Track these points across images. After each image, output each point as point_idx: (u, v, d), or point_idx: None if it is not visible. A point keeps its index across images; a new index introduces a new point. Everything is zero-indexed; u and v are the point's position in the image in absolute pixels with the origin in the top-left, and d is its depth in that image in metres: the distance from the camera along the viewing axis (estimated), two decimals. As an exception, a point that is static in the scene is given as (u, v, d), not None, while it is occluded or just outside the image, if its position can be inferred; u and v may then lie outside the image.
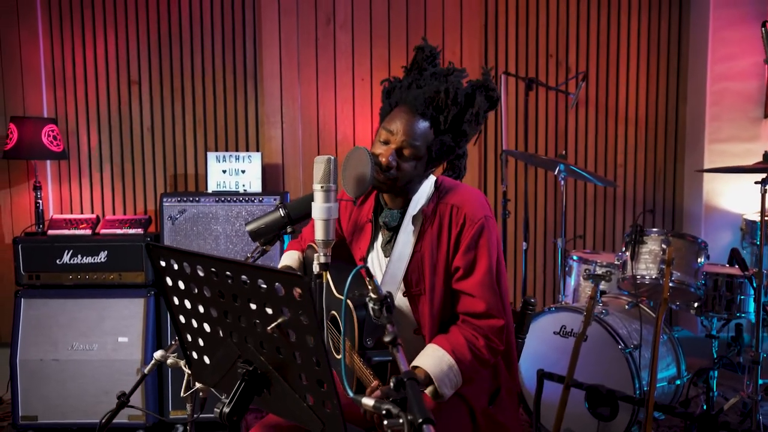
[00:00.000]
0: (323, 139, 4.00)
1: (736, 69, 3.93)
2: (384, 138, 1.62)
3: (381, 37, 3.98)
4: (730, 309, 2.74)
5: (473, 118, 1.59)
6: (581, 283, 3.14)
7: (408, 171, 1.59)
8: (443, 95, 1.56)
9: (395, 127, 1.60)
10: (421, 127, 1.58)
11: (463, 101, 1.59)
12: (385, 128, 1.63)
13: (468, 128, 1.60)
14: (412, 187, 1.66)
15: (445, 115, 1.57)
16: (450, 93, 1.57)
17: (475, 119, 1.60)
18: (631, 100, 4.15)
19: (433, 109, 1.58)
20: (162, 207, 3.34)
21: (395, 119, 1.61)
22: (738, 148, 3.93)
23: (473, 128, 1.61)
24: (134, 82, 3.89)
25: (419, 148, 1.58)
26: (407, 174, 1.60)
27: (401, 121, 1.59)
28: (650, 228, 2.77)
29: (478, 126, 1.63)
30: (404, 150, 1.59)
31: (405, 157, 1.59)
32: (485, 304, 1.58)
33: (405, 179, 1.61)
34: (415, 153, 1.58)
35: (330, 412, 1.17)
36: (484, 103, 1.60)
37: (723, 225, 3.94)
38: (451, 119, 1.58)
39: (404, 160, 1.59)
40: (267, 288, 1.14)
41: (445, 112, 1.57)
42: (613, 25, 4.10)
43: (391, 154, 1.58)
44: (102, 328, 3.26)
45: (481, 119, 1.62)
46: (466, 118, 1.59)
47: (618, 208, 4.19)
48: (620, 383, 2.50)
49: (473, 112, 1.59)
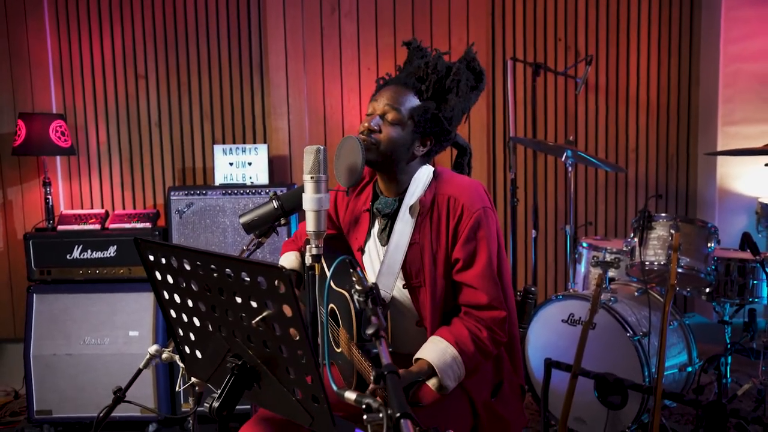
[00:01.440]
0: (330, 129, 3.98)
1: (750, 50, 3.83)
2: (370, 110, 1.69)
3: (386, 25, 3.94)
4: (743, 294, 2.69)
5: (454, 85, 1.61)
6: (591, 270, 3.10)
7: (391, 135, 1.61)
8: (424, 66, 1.63)
9: (379, 97, 1.65)
10: (403, 95, 1.63)
11: (443, 70, 1.63)
12: (371, 102, 1.69)
13: (451, 97, 1.62)
14: (399, 160, 1.64)
15: (427, 84, 1.61)
16: (430, 64, 1.63)
17: (457, 87, 1.61)
18: (642, 83, 4.07)
19: (416, 80, 1.64)
20: (169, 201, 3.35)
21: (380, 93, 1.67)
22: (752, 130, 3.84)
23: (457, 97, 1.62)
24: (141, 76, 3.90)
25: (402, 112, 1.61)
26: (390, 139, 1.61)
27: (386, 92, 1.65)
28: (659, 213, 2.71)
29: (462, 97, 1.63)
30: (387, 115, 1.62)
31: (388, 122, 1.62)
32: (487, 296, 1.58)
33: (388, 144, 1.61)
34: (398, 118, 1.61)
35: (318, 406, 1.16)
36: (465, 72, 1.63)
37: (738, 209, 3.86)
38: (432, 87, 1.61)
39: (387, 125, 1.62)
40: (250, 281, 1.13)
41: (427, 81, 1.61)
42: (622, 6, 4.02)
43: (375, 119, 1.63)
44: (113, 323, 3.29)
45: (464, 89, 1.63)
46: (447, 85, 1.62)
47: (630, 193, 4.12)
48: (629, 371, 2.46)
49: (454, 80, 1.61)
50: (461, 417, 1.61)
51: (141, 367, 1.75)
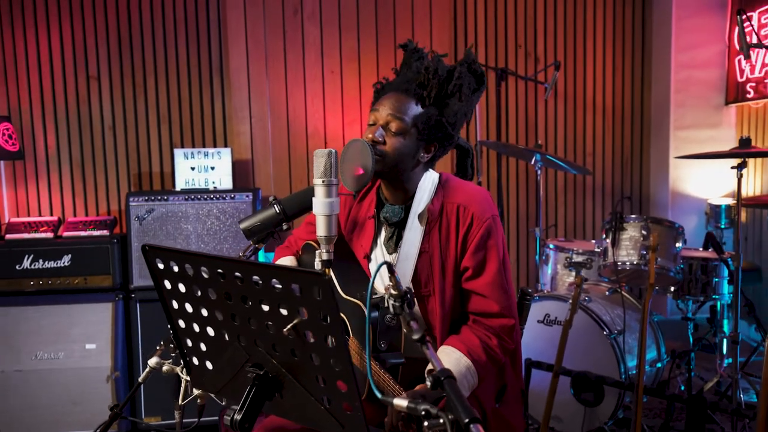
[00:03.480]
0: (293, 133, 3.92)
1: (700, 57, 4.03)
2: (372, 120, 1.63)
3: (350, 29, 3.91)
4: (706, 291, 2.81)
5: (457, 90, 1.60)
6: (558, 271, 3.17)
7: (396, 146, 1.58)
8: (424, 71, 1.61)
9: (381, 107, 1.61)
10: (405, 103, 1.60)
11: (444, 74, 1.61)
12: (372, 111, 1.64)
13: (453, 102, 1.60)
14: (404, 170, 1.62)
15: (429, 90, 1.59)
16: (431, 69, 1.61)
17: (459, 91, 1.60)
18: (599, 89, 4.20)
19: (417, 86, 1.61)
20: (128, 207, 3.21)
21: (381, 101, 1.63)
22: (702, 135, 4.04)
23: (459, 102, 1.61)
24: (93, 77, 3.72)
25: (405, 121, 1.58)
26: (396, 149, 1.58)
27: (388, 100, 1.61)
28: (629, 215, 2.80)
29: (464, 101, 1.62)
30: (390, 124, 1.59)
31: (392, 132, 1.59)
32: (498, 305, 1.58)
33: (393, 155, 1.58)
34: (402, 127, 1.58)
35: (351, 413, 1.13)
36: (467, 75, 1.62)
37: (689, 210, 4.04)
38: (434, 92, 1.60)
39: (391, 136, 1.59)
40: (282, 288, 1.08)
41: (429, 87, 1.59)
42: (579, 15, 4.15)
43: (378, 130, 1.59)
44: (68, 336, 3.14)
45: (466, 93, 1.61)
46: (449, 90, 1.60)
47: (588, 196, 4.25)
48: (606, 369, 2.52)
49: (456, 84, 1.60)
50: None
51: (140, 380, 1.65)
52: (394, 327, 1.47)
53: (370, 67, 3.93)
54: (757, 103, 3.97)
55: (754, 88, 3.92)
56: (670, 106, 4.04)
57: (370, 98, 1.72)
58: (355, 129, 3.93)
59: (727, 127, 4.09)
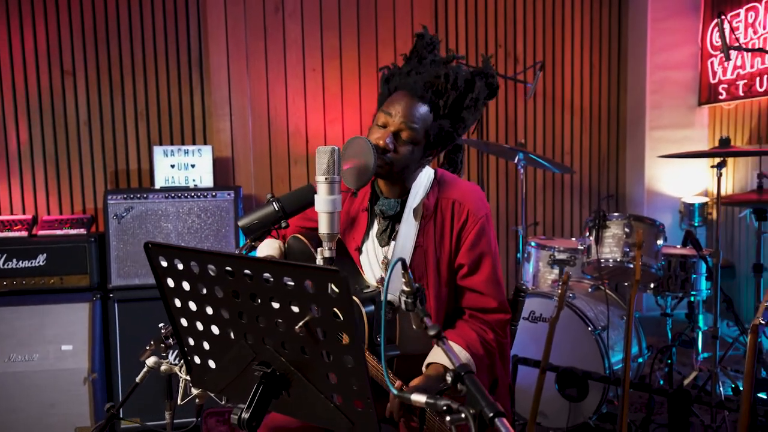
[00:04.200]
0: (274, 131, 3.89)
1: (675, 59, 4.12)
2: (382, 122, 1.59)
3: (332, 27, 3.90)
4: (684, 288, 2.87)
5: (472, 104, 1.58)
6: (540, 268, 3.21)
7: (405, 155, 1.56)
8: (443, 80, 1.55)
9: (394, 111, 1.56)
10: (420, 111, 1.55)
11: (463, 86, 1.57)
12: (383, 111, 1.59)
13: (467, 114, 1.58)
14: (408, 174, 1.63)
15: (445, 100, 1.55)
16: (450, 77, 1.55)
17: (474, 105, 1.58)
18: (576, 89, 4.27)
19: (433, 93, 1.56)
20: (106, 205, 3.15)
21: (394, 103, 1.58)
22: (676, 135, 4.13)
23: (472, 115, 1.60)
24: (68, 72, 3.63)
25: (417, 131, 1.55)
26: (404, 158, 1.56)
27: (400, 104, 1.56)
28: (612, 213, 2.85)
29: (477, 113, 1.61)
30: (402, 133, 1.56)
31: (402, 141, 1.56)
32: (495, 301, 1.60)
33: (401, 164, 1.57)
34: (413, 137, 1.55)
35: (362, 410, 1.12)
36: (484, 90, 1.60)
37: (664, 208, 4.13)
38: (450, 104, 1.56)
39: (401, 144, 1.56)
40: (295, 285, 1.07)
41: (445, 97, 1.55)
42: (557, 16, 4.20)
43: (389, 137, 1.55)
44: (43, 337, 3.07)
45: (480, 106, 1.60)
46: (465, 104, 1.57)
47: (566, 195, 4.31)
48: (591, 364, 2.56)
49: (473, 98, 1.57)
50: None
51: (137, 380, 1.62)
52: (389, 321, 1.48)
53: (351, 66, 3.92)
54: (729, 104, 4.08)
55: (726, 89, 4.03)
56: (646, 107, 4.12)
57: (352, 96, 1.71)
58: (336, 127, 3.92)
59: (700, 128, 4.19)
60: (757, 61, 3.80)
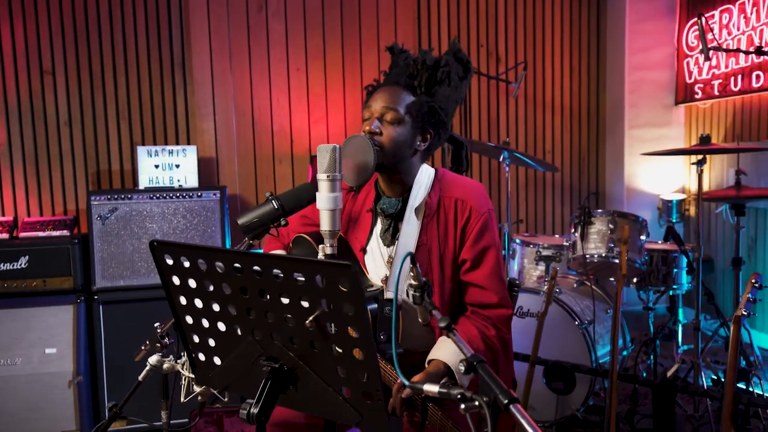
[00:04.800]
0: (259, 131, 3.88)
1: (652, 59, 4.22)
2: (366, 115, 1.67)
3: (316, 26, 3.90)
4: (666, 282, 2.94)
5: (445, 77, 1.65)
6: (525, 265, 3.25)
7: (393, 135, 1.62)
8: (413, 62, 1.66)
9: (374, 102, 1.66)
10: (398, 94, 1.65)
11: (432, 63, 1.66)
12: (366, 109, 1.68)
13: (443, 89, 1.65)
14: (403, 160, 1.65)
15: (419, 79, 1.64)
16: (419, 60, 1.66)
17: (448, 79, 1.65)
18: (557, 89, 4.34)
19: (407, 77, 1.66)
20: (90, 206, 3.11)
21: (373, 97, 1.67)
22: (654, 133, 4.23)
23: (450, 90, 1.66)
24: (47, 71, 3.58)
25: (398, 111, 1.62)
26: (393, 138, 1.62)
27: (379, 95, 1.66)
28: (596, 210, 2.91)
29: (455, 90, 1.67)
30: (385, 116, 1.63)
31: (388, 122, 1.63)
32: (496, 296, 1.63)
33: (392, 144, 1.62)
34: (396, 117, 1.62)
35: (371, 403, 1.14)
36: (454, 63, 1.67)
37: (642, 205, 4.22)
38: (425, 82, 1.65)
39: (387, 125, 1.63)
40: (305, 280, 1.09)
41: (418, 77, 1.64)
42: (538, 16, 4.27)
43: (374, 122, 1.63)
44: (26, 340, 3.02)
45: (456, 82, 1.67)
46: (438, 78, 1.65)
47: (547, 192, 4.38)
48: (578, 357, 2.61)
49: (444, 71, 1.65)
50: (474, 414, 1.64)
51: (140, 379, 1.62)
52: (391, 319, 1.50)
53: (335, 65, 3.93)
54: (704, 103, 4.19)
55: (701, 89, 4.13)
56: (625, 106, 4.21)
57: (336, 96, 1.77)
58: (321, 127, 3.93)
59: (677, 126, 4.29)
60: (731, 61, 3.91)
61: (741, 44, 3.83)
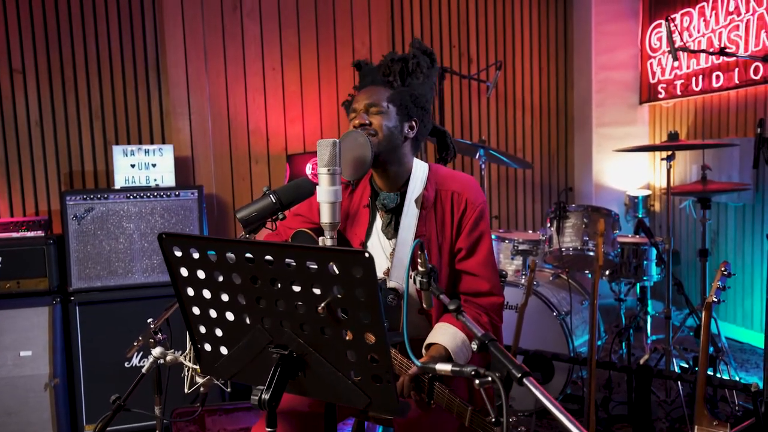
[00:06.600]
0: (234, 130, 3.88)
1: (617, 60, 4.37)
2: (352, 115, 1.75)
3: (290, 25, 3.92)
4: (637, 274, 3.06)
5: (416, 67, 1.74)
6: (501, 260, 3.34)
7: (382, 123, 1.70)
8: (382, 63, 1.76)
9: (357, 103, 1.74)
10: (377, 90, 1.74)
11: (400, 58, 1.76)
12: (350, 113, 1.77)
13: (417, 79, 1.74)
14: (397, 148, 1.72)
15: (393, 74, 1.74)
16: (388, 57, 1.76)
17: (419, 69, 1.74)
18: (527, 88, 4.45)
19: (382, 75, 1.75)
20: (65, 206, 3.07)
21: (355, 100, 1.76)
22: (619, 132, 4.37)
23: (423, 79, 1.75)
24: (17, 71, 3.52)
25: (381, 103, 1.71)
26: (382, 126, 1.69)
27: (360, 96, 1.75)
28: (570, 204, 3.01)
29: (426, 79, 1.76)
30: (370, 109, 1.71)
31: (373, 114, 1.71)
32: (488, 283, 1.71)
33: (383, 132, 1.69)
34: (380, 109, 1.71)
35: (381, 386, 1.18)
36: (421, 55, 1.76)
37: (610, 201, 4.36)
38: (398, 74, 1.74)
39: (373, 116, 1.71)
40: (318, 268, 1.12)
41: (391, 72, 1.74)
42: (508, 18, 4.37)
43: (361, 116, 1.71)
44: (0, 343, 2.95)
45: (426, 70, 1.76)
46: (410, 69, 1.75)
47: (519, 189, 4.48)
48: (557, 348, 2.70)
49: (414, 63, 1.75)
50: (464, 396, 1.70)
51: (144, 371, 1.62)
52: (394, 307, 1.55)
53: (311, 64, 3.95)
54: (667, 103, 4.35)
55: (665, 89, 4.29)
56: (592, 105, 4.35)
57: (312, 95, 1.85)
58: (297, 126, 3.95)
59: (641, 125, 4.45)
60: (692, 62, 4.07)
61: (701, 46, 4.00)
